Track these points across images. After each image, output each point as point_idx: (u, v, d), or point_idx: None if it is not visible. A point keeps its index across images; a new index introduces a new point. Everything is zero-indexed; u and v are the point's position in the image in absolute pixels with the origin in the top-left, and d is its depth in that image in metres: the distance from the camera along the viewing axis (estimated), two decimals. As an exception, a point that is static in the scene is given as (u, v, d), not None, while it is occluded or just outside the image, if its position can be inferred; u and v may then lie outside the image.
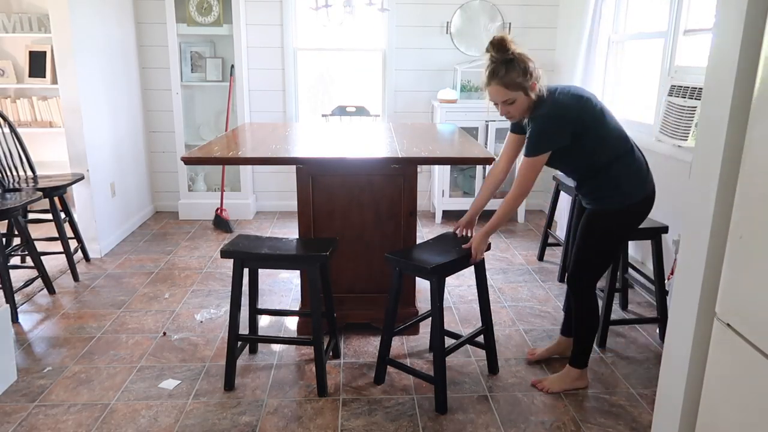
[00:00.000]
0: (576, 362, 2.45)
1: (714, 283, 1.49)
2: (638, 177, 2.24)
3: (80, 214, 3.98)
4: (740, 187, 1.38)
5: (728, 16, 1.42)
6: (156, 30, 4.75)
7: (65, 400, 2.40)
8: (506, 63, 2.15)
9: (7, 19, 4.13)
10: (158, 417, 2.29)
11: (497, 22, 4.84)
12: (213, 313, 3.19)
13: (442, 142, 3.14)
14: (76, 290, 3.49)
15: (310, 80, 5.16)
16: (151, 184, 5.08)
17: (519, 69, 2.15)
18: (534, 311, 3.24)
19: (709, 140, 1.50)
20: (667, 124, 3.14)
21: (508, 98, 2.18)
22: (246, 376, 2.58)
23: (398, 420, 2.28)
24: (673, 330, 1.70)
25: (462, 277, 3.69)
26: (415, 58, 4.93)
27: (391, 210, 2.83)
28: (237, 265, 2.41)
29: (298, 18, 4.88)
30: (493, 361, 2.62)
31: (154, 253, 4.10)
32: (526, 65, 2.17)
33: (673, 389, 1.68)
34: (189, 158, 2.65)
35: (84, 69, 3.86)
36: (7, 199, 3.20)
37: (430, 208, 5.17)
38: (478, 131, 4.61)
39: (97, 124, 4.07)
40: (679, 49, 3.28)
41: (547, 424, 2.27)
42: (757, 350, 1.30)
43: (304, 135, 3.36)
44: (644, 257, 3.51)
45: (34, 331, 2.98)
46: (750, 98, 1.36)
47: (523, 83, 2.15)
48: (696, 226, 1.56)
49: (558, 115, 2.16)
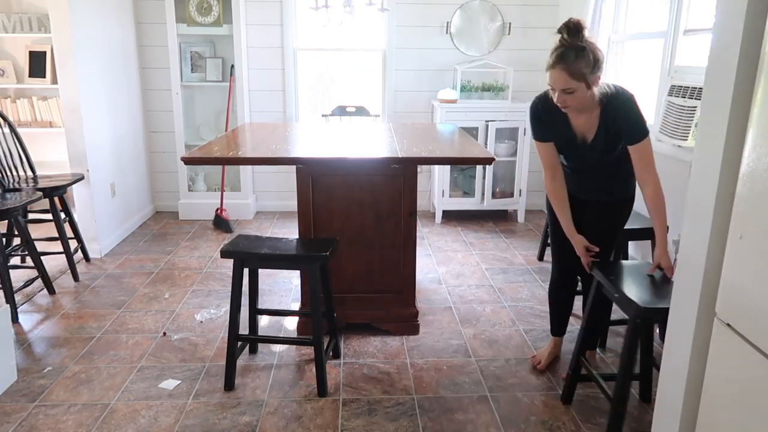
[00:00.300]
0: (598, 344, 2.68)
1: (714, 283, 1.49)
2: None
3: (80, 214, 3.98)
4: (740, 187, 1.38)
5: (728, 16, 1.42)
6: (156, 30, 4.75)
7: (65, 400, 2.40)
8: (577, 50, 2.03)
9: (7, 19, 4.13)
10: (158, 417, 2.29)
11: (497, 22, 4.84)
12: (213, 313, 3.19)
13: (442, 142, 3.14)
14: (76, 290, 3.49)
15: (310, 80, 5.16)
16: (151, 184, 5.08)
17: (589, 59, 2.04)
18: (534, 311, 3.24)
19: (709, 140, 1.50)
20: (667, 124, 3.14)
21: (568, 87, 2.07)
22: (246, 376, 2.58)
23: (398, 420, 2.28)
24: (673, 330, 1.69)
25: (462, 278, 3.70)
26: (415, 58, 4.93)
27: (391, 210, 2.83)
28: (237, 265, 2.41)
29: (298, 18, 4.88)
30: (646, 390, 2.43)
31: (154, 253, 4.10)
32: (597, 57, 2.06)
33: (673, 389, 1.68)
34: (189, 158, 2.65)
35: (84, 69, 3.86)
36: (7, 199, 3.20)
37: (430, 208, 5.17)
38: (478, 131, 4.61)
39: (97, 124, 4.07)
40: (679, 49, 3.28)
41: (547, 424, 2.27)
42: (757, 350, 1.30)
43: (304, 135, 3.36)
44: (644, 257, 3.51)
45: (34, 331, 2.98)
46: (750, 98, 1.36)
47: (588, 75, 2.05)
48: (696, 226, 1.56)
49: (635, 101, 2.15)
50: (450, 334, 2.98)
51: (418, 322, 2.97)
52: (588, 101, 2.13)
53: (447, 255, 4.11)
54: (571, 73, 2.04)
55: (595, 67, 2.05)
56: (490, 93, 4.80)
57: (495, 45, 4.89)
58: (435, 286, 3.58)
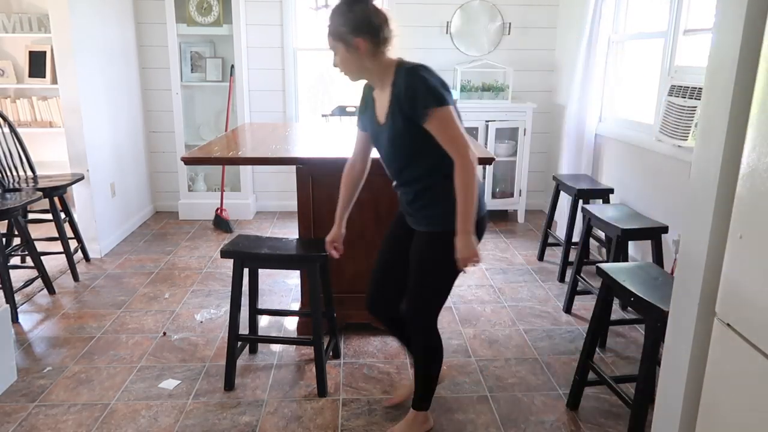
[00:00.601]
0: (421, 405, 2.14)
1: (714, 283, 1.49)
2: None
3: (80, 214, 3.98)
4: (740, 187, 1.38)
5: (728, 16, 1.42)
6: (156, 30, 4.75)
7: (65, 400, 2.40)
8: (345, 6, 1.86)
9: (7, 19, 4.13)
10: (158, 417, 2.29)
11: (497, 22, 4.84)
12: (213, 313, 3.19)
13: (442, 142, 3.13)
14: (76, 290, 3.49)
15: (310, 80, 5.16)
16: (151, 184, 5.08)
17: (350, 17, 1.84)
18: (534, 311, 3.24)
19: (709, 140, 1.50)
20: (667, 124, 3.14)
21: (330, 45, 1.90)
22: (246, 376, 2.58)
23: (398, 420, 2.27)
24: (673, 330, 1.70)
25: (462, 277, 3.69)
26: (415, 58, 4.87)
27: (391, 210, 2.81)
28: (237, 265, 2.41)
29: (298, 18, 4.88)
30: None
31: (154, 253, 4.10)
32: (367, 18, 1.85)
33: (673, 389, 1.68)
34: (189, 158, 2.65)
35: (84, 69, 3.86)
36: (7, 199, 3.20)
37: (430, 208, 5.16)
38: (478, 131, 4.61)
39: (97, 124, 4.07)
40: (679, 49, 3.28)
41: (547, 424, 2.27)
42: (757, 350, 1.30)
43: (304, 135, 3.36)
44: (644, 257, 3.51)
45: (34, 331, 2.98)
46: (750, 98, 1.36)
47: (345, 35, 1.84)
48: (696, 226, 1.56)
49: (428, 70, 1.89)
50: (450, 334, 2.98)
51: (418, 322, 2.96)
52: (356, 67, 1.90)
53: (447, 255, 4.10)
54: (329, 30, 1.87)
55: (359, 28, 1.82)
56: (490, 93, 4.80)
57: (495, 45, 4.89)
58: (435, 286, 3.57)
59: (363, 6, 1.84)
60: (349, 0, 1.86)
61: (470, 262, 1.86)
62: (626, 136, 3.71)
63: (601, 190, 3.59)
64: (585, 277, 3.22)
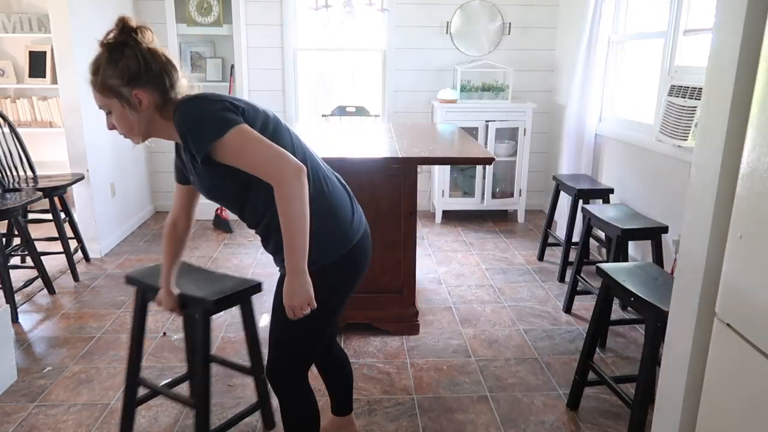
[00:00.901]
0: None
1: (714, 283, 1.49)
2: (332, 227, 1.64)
3: (80, 214, 3.98)
4: (740, 187, 1.38)
5: (728, 16, 1.42)
6: (156, 30, 4.68)
7: (65, 400, 2.40)
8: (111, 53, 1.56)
9: (7, 19, 4.13)
10: (158, 417, 2.29)
11: (497, 22, 4.85)
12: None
13: (442, 142, 3.14)
14: (76, 290, 3.49)
15: (310, 80, 5.16)
16: (151, 184, 5.08)
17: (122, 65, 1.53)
18: (534, 311, 3.24)
19: (709, 140, 1.50)
20: (667, 124, 3.14)
21: (101, 105, 1.60)
22: (246, 375, 2.58)
23: (398, 420, 2.28)
24: (673, 330, 1.70)
25: (462, 278, 3.70)
26: (415, 58, 4.93)
27: (391, 210, 2.83)
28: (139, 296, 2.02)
29: (298, 18, 4.88)
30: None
31: (154, 253, 4.10)
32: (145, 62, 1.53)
33: (673, 389, 1.68)
34: (189, 158, 2.63)
35: (84, 69, 3.85)
36: (7, 199, 3.20)
37: (430, 208, 5.17)
38: (478, 131, 4.61)
39: (97, 124, 4.07)
40: (679, 49, 3.28)
41: (547, 424, 2.27)
42: (757, 350, 1.30)
43: (304, 135, 3.36)
44: (644, 257, 3.51)
45: (34, 331, 2.98)
46: (750, 98, 1.36)
47: (119, 87, 1.53)
48: (696, 226, 1.56)
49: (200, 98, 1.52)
50: (450, 334, 2.98)
51: (418, 322, 2.97)
52: (144, 124, 1.53)
53: (447, 255, 4.11)
54: (95, 86, 1.56)
55: (136, 77, 1.49)
56: (490, 93, 4.80)
57: (495, 45, 4.89)
58: (435, 286, 3.58)
59: (134, 50, 1.51)
60: (114, 43, 1.51)
61: (299, 311, 1.49)
62: (626, 136, 3.72)
63: (601, 190, 3.59)
64: (585, 277, 3.22)
